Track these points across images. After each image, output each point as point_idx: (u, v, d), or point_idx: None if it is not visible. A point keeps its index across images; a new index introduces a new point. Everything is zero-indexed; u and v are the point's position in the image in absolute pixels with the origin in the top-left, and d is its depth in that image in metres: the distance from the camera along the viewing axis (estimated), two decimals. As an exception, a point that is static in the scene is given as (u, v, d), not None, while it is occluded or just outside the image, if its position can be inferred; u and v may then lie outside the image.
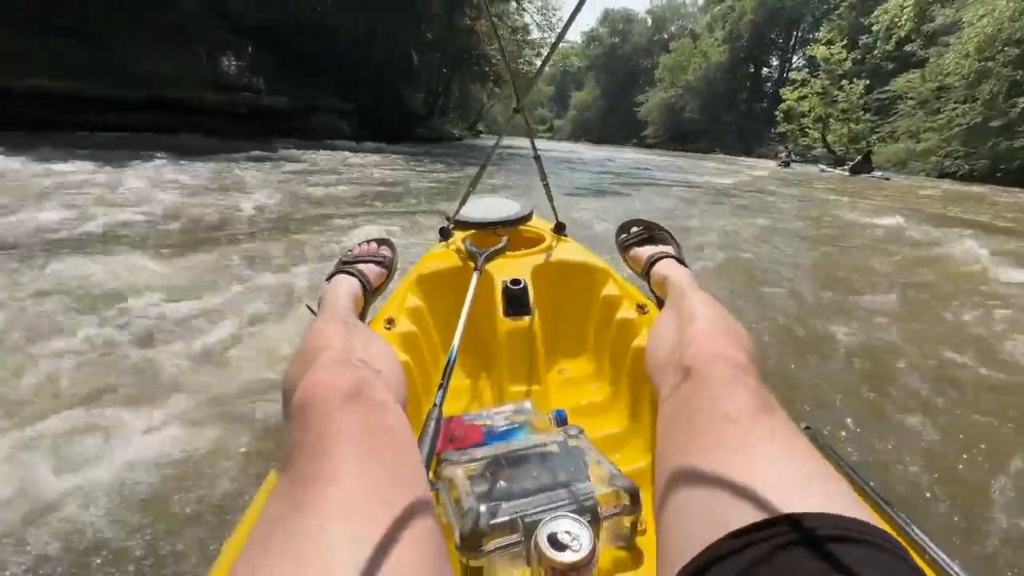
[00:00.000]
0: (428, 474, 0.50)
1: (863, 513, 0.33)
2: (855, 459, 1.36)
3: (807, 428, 0.65)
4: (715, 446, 0.41)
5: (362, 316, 0.86)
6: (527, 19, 20.76)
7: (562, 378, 1.00)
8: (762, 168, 19.11)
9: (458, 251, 1.12)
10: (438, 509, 0.49)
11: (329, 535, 0.32)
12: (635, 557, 0.55)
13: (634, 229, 1.09)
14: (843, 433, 1.48)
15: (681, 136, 43.82)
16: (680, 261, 0.94)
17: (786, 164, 21.47)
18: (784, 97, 31.20)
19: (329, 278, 0.91)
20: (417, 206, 4.80)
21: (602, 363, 1.00)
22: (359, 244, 1.05)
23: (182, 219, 3.50)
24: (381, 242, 1.06)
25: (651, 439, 0.72)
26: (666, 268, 0.89)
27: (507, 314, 0.94)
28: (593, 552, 0.42)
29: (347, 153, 9.54)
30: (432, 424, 0.57)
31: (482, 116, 33.20)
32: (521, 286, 0.96)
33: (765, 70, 44.76)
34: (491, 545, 0.46)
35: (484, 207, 1.30)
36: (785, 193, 9.25)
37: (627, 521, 0.53)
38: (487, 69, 18.24)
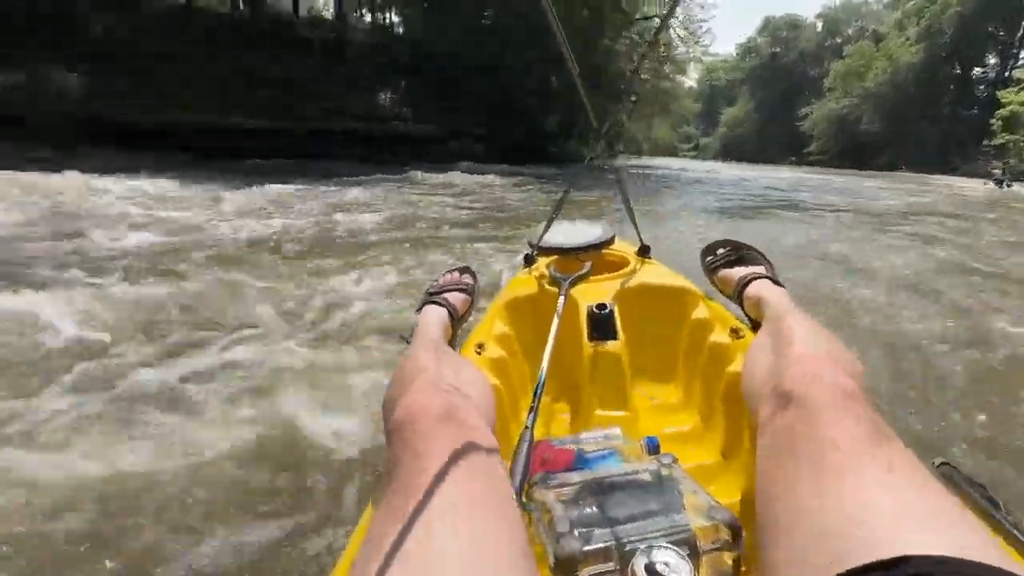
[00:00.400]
0: (520, 497, 0.50)
1: (1010, 562, 0.28)
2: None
3: (943, 464, 0.60)
4: (822, 477, 0.38)
5: (451, 342, 0.90)
6: (670, 34, 19.85)
7: (651, 404, 0.98)
8: (969, 189, 15.48)
9: (542, 277, 1.13)
10: (530, 532, 0.49)
11: (428, 553, 0.34)
12: None
13: (721, 251, 1.05)
14: None
15: (855, 151, 38.02)
16: (775, 282, 0.88)
17: (1002, 183, 17.09)
18: (1004, 100, 25.19)
19: (419, 309, 0.97)
20: (528, 229, 4.66)
21: (693, 389, 0.97)
22: (443, 274, 1.11)
23: (309, 235, 3.81)
24: (463, 270, 1.12)
25: (748, 471, 0.67)
26: (760, 289, 0.85)
27: (593, 339, 0.93)
28: None
29: (476, 176, 9.91)
30: (524, 447, 0.57)
31: (620, 135, 32.58)
32: (607, 311, 0.95)
33: (977, 70, 36.80)
34: (584, 572, 0.46)
35: (566, 232, 1.28)
36: (990, 218, 7.28)
37: (728, 558, 0.49)
38: (621, 86, 17.83)
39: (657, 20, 19.57)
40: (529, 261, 1.25)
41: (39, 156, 6.95)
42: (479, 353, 0.91)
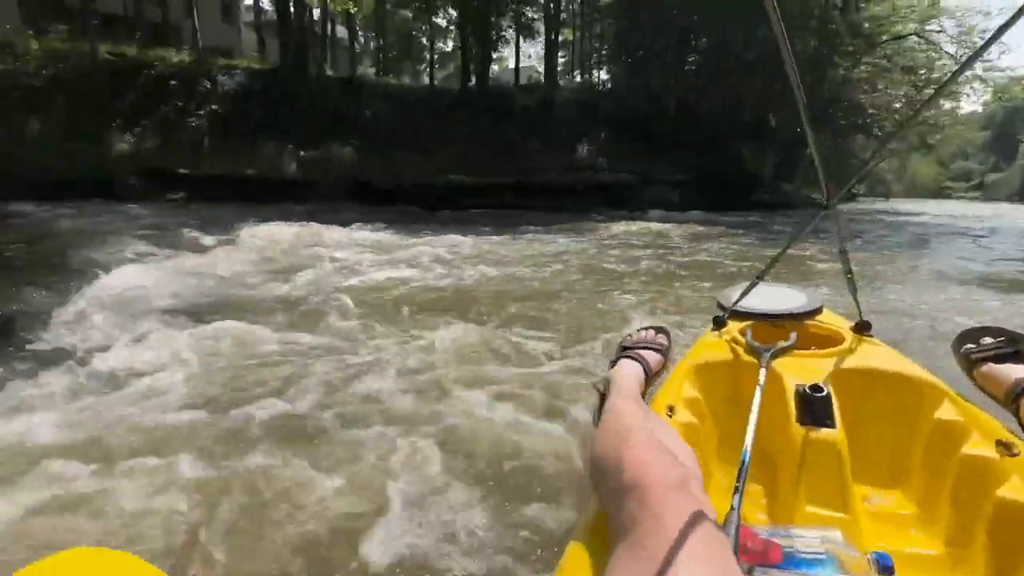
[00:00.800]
0: None
1: None
2: None
3: None
4: None
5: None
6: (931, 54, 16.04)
7: (874, 512, 0.85)
8: None
9: (735, 342, 1.06)
10: None
11: None
12: None
13: (987, 340, 0.89)
14: None
15: None
16: None
17: None
18: None
19: (613, 363, 1.00)
20: (708, 286, 4.20)
21: (936, 506, 0.81)
22: (638, 331, 1.14)
23: (498, 283, 4.09)
24: (658, 330, 1.14)
25: None
26: None
27: (803, 423, 0.84)
28: None
29: (668, 224, 9.49)
30: (732, 530, 0.54)
31: (863, 179, 27.55)
32: (823, 393, 0.85)
33: None
34: None
35: (764, 296, 1.20)
36: None
37: None
38: (859, 121, 15.04)
39: (914, 38, 16.16)
40: (719, 324, 1.18)
41: (318, 209, 9.25)
42: (670, 415, 0.88)
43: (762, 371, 0.89)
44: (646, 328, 1.15)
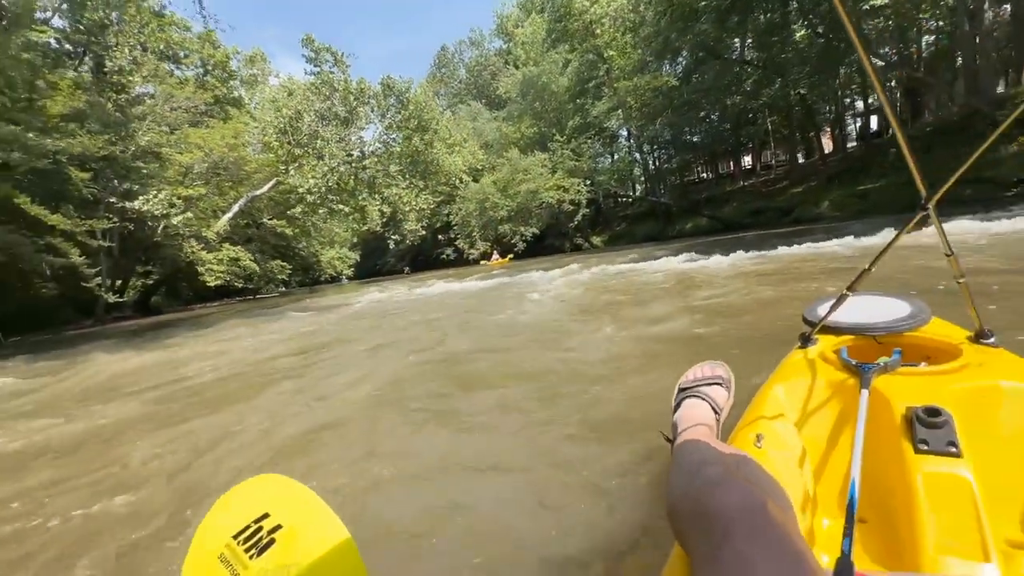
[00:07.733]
0: None
1: None
2: None
3: None
4: None
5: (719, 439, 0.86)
6: None
7: (1017, 558, 0.71)
8: None
9: (825, 360, 0.96)
10: None
11: None
12: None
13: None
14: None
15: None
16: None
17: None
18: None
19: (676, 406, 0.95)
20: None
21: None
22: (692, 368, 1.07)
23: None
24: (714, 363, 1.08)
25: None
26: None
27: (919, 452, 0.74)
28: None
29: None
30: None
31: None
32: (942, 418, 0.74)
33: None
34: None
35: (859, 308, 1.09)
36: None
37: None
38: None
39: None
40: (806, 341, 1.07)
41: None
42: (758, 447, 0.80)
43: (863, 393, 0.80)
44: (700, 365, 1.07)
